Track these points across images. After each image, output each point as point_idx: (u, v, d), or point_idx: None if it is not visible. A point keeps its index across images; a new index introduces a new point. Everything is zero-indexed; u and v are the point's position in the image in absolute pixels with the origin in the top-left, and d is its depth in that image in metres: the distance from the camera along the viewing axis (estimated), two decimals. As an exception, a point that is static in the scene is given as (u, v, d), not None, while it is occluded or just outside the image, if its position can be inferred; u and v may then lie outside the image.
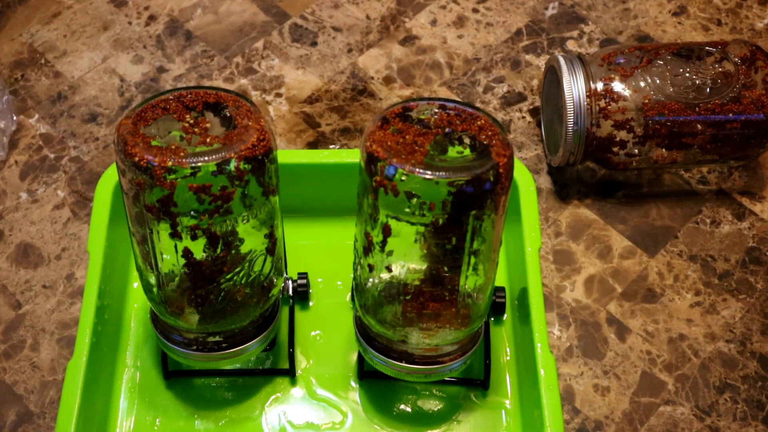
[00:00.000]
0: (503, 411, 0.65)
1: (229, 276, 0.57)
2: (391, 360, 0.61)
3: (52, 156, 0.77)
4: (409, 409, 0.65)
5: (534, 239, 0.65)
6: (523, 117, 0.80)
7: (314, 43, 0.85)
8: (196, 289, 0.57)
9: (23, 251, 0.72)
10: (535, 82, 0.82)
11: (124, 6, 0.87)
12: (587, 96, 0.70)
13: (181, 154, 0.51)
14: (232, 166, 0.51)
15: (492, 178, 0.50)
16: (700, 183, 0.77)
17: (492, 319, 0.68)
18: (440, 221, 0.52)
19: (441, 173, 0.49)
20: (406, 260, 0.56)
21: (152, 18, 0.86)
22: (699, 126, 0.70)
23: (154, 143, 0.52)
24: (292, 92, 0.81)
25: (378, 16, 0.87)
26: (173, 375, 0.66)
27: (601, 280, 0.72)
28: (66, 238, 0.73)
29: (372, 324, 0.59)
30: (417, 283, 0.57)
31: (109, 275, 0.66)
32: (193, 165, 0.51)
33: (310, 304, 0.70)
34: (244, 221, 0.55)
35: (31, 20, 0.86)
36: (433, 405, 0.65)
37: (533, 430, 0.61)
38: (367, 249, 0.55)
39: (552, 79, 0.75)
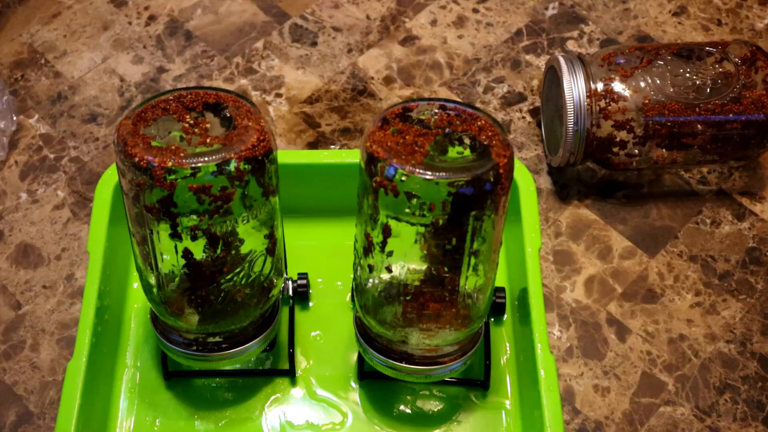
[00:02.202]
0: (503, 411, 0.65)
1: (229, 276, 0.57)
2: (391, 360, 0.61)
3: (52, 156, 0.77)
4: (409, 410, 0.65)
5: (534, 239, 0.65)
6: (523, 117, 0.80)
7: (314, 43, 0.85)
8: (196, 289, 0.57)
9: (23, 251, 0.72)
10: (535, 83, 0.82)
11: (124, 6, 0.87)
12: (587, 96, 0.70)
13: (181, 154, 0.51)
14: (232, 166, 0.51)
15: (492, 179, 0.50)
16: (700, 183, 0.77)
17: (492, 319, 0.68)
18: (440, 222, 0.52)
19: (441, 174, 0.49)
20: (406, 261, 0.56)
21: (152, 18, 0.86)
22: (699, 126, 0.70)
23: (154, 144, 0.52)
24: (292, 92, 0.81)
25: (378, 16, 0.87)
26: (173, 375, 0.66)
27: (601, 280, 0.72)
28: (66, 238, 0.73)
29: (372, 324, 0.59)
30: (417, 283, 0.57)
31: (109, 275, 0.66)
32: (193, 165, 0.51)
33: (310, 304, 0.70)
34: (244, 222, 0.55)
35: (31, 20, 0.86)
36: (433, 405, 0.65)
37: (533, 431, 0.61)
38: (367, 249, 0.55)
39: (552, 79, 0.75)
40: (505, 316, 0.69)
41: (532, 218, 0.66)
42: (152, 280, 0.58)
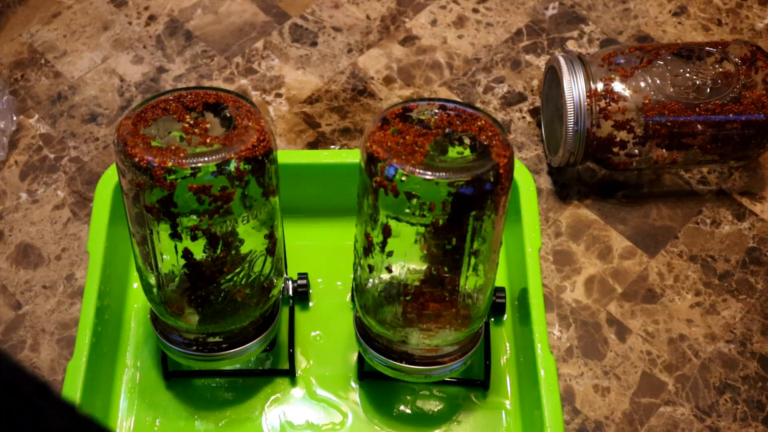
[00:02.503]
0: (503, 411, 0.65)
1: (229, 276, 0.57)
2: (391, 360, 0.60)
3: (52, 156, 0.77)
4: (409, 410, 0.65)
5: (534, 239, 0.65)
6: (523, 117, 0.80)
7: (314, 43, 0.85)
8: (196, 289, 0.57)
9: (23, 251, 0.72)
10: (535, 82, 0.82)
11: (124, 6, 0.87)
12: (587, 96, 0.70)
13: (181, 154, 0.51)
14: (232, 166, 0.51)
15: (492, 179, 0.50)
16: (700, 183, 0.77)
17: (492, 319, 0.68)
18: (440, 222, 0.52)
19: (441, 174, 0.49)
20: (406, 261, 0.56)
21: (152, 18, 0.86)
22: (699, 126, 0.70)
23: (154, 144, 0.52)
24: (292, 92, 0.81)
25: (378, 16, 0.87)
26: (173, 375, 0.66)
27: (601, 280, 0.72)
28: (66, 238, 0.73)
29: (372, 324, 0.59)
30: (417, 283, 0.57)
31: (109, 275, 0.65)
32: (193, 165, 0.51)
33: (310, 304, 0.70)
34: (244, 222, 0.55)
35: (31, 20, 0.86)
36: (433, 405, 0.65)
37: (533, 431, 0.61)
38: (367, 249, 0.55)
39: (552, 79, 0.75)
40: (505, 316, 0.69)
41: (532, 218, 0.66)
42: (152, 280, 0.58)
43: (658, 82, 0.70)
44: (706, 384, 0.67)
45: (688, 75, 0.71)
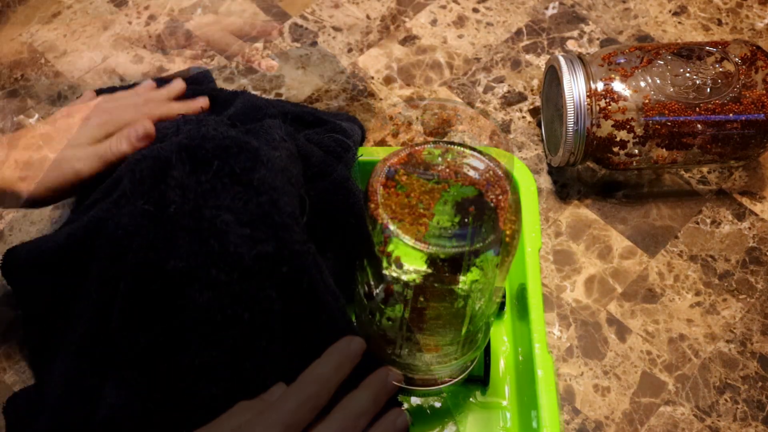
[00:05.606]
0: (502, 410, 0.65)
1: None
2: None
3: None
4: (408, 408, 0.65)
5: (534, 239, 0.65)
6: (523, 117, 0.80)
7: (314, 43, 0.85)
8: None
9: (23, 251, 0.72)
10: (535, 82, 0.82)
11: (124, 6, 0.87)
12: (587, 96, 0.70)
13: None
14: None
15: (498, 249, 0.50)
16: (700, 183, 0.77)
17: (492, 319, 0.68)
18: (442, 273, 0.51)
19: (448, 249, 0.49)
20: (405, 303, 0.55)
21: (152, 18, 0.86)
22: (699, 126, 0.70)
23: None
24: (292, 92, 0.81)
25: (378, 16, 0.87)
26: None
27: (601, 280, 0.72)
28: (66, 238, 0.73)
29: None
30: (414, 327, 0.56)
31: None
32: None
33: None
34: None
35: (31, 20, 0.86)
36: (432, 404, 0.65)
37: (531, 430, 0.61)
38: (368, 295, 0.54)
39: (552, 79, 0.75)
40: (505, 315, 0.69)
41: (533, 218, 0.66)
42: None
43: (658, 81, 0.70)
44: (706, 384, 0.67)
45: (688, 75, 0.71)
